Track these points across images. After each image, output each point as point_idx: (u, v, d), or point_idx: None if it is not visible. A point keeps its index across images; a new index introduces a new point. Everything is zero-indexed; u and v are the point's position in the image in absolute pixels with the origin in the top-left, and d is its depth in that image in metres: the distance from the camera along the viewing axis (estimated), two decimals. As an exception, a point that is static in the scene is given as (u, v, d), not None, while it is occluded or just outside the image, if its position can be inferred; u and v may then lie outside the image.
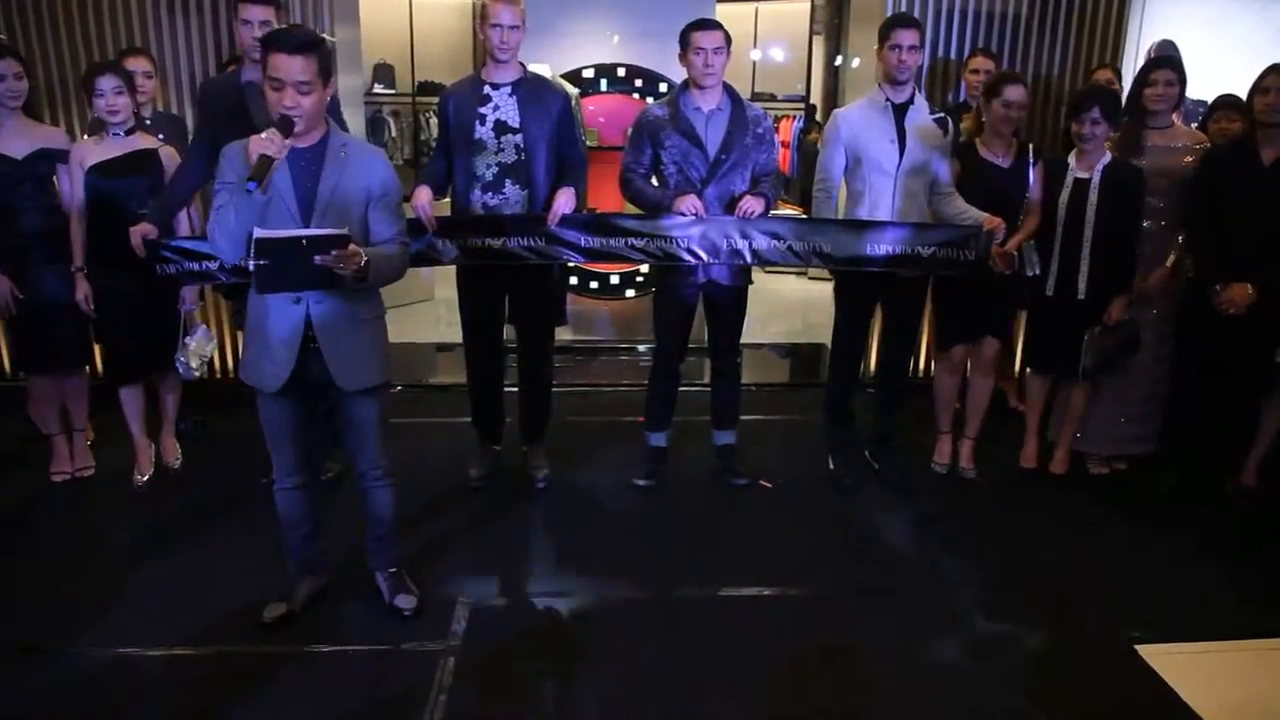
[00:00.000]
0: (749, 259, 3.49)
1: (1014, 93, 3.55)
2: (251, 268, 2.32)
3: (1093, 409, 3.92)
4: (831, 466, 3.93)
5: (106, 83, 3.43)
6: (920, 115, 3.57)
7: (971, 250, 3.43)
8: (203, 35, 4.76)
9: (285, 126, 2.35)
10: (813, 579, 3.16)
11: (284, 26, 2.50)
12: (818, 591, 3.09)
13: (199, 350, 3.66)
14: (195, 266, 3.36)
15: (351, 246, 2.34)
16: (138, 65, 3.92)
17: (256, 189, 2.29)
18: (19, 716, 2.45)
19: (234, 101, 3.39)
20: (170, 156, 3.61)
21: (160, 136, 3.78)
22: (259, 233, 2.28)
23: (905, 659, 2.75)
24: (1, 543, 3.36)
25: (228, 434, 4.16)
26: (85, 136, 4.28)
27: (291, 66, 2.35)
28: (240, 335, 4.12)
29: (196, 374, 3.70)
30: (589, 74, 5.87)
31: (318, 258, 2.30)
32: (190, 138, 4.01)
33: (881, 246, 3.46)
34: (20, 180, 3.48)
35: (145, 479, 3.81)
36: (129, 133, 3.55)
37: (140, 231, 3.26)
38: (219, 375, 4.93)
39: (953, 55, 4.91)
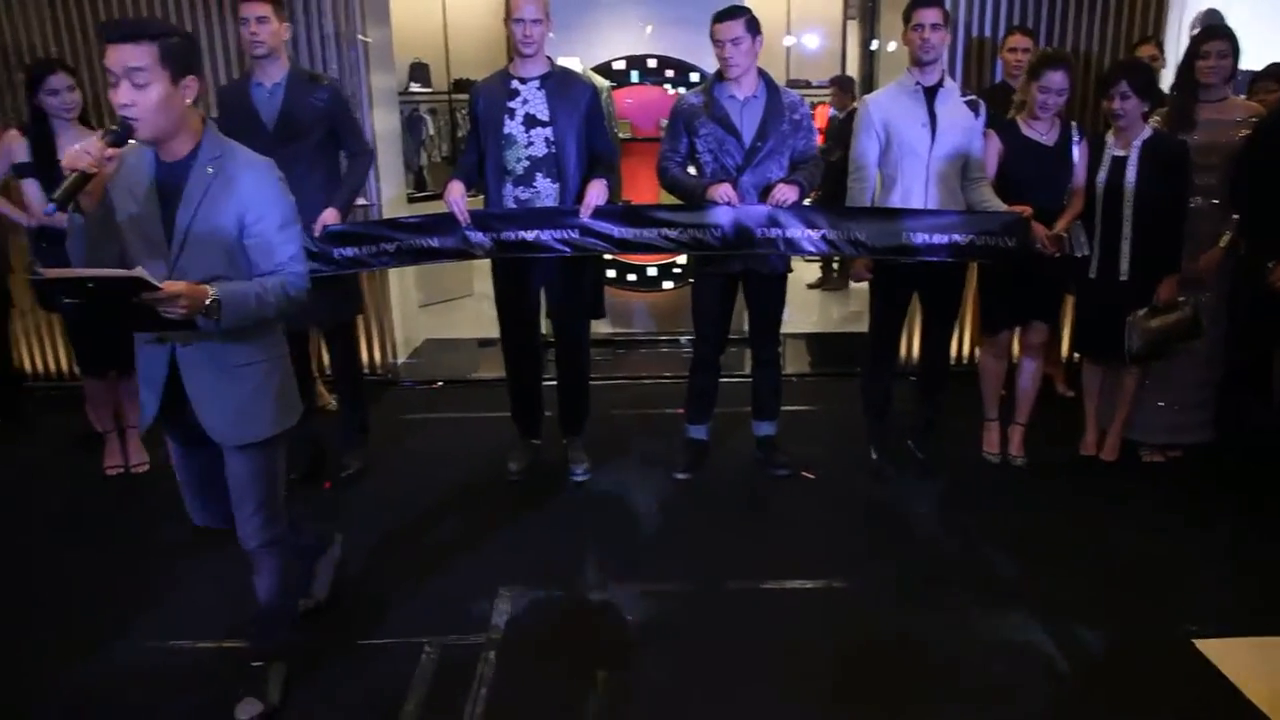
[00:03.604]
0: (782, 248, 3.44)
1: (1054, 78, 3.43)
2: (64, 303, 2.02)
3: (1143, 395, 3.82)
4: (874, 456, 3.87)
5: None
6: (951, 98, 3.50)
7: (1013, 237, 3.35)
8: (225, 41, 4.81)
9: (121, 138, 1.98)
10: (857, 571, 3.12)
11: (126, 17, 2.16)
12: (862, 583, 3.05)
13: None
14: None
15: (172, 286, 1.92)
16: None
17: (54, 212, 1.93)
18: (72, 709, 2.49)
19: (244, 106, 3.43)
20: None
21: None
22: (42, 272, 1.92)
23: (952, 651, 2.69)
24: (57, 536, 3.42)
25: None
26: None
27: (120, 55, 1.95)
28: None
29: None
30: (620, 66, 5.85)
31: (134, 298, 1.88)
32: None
33: (918, 235, 3.38)
34: None
35: None
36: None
37: None
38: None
39: (987, 34, 4.81)
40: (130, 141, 2.03)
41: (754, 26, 3.36)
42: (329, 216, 3.40)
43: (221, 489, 2.35)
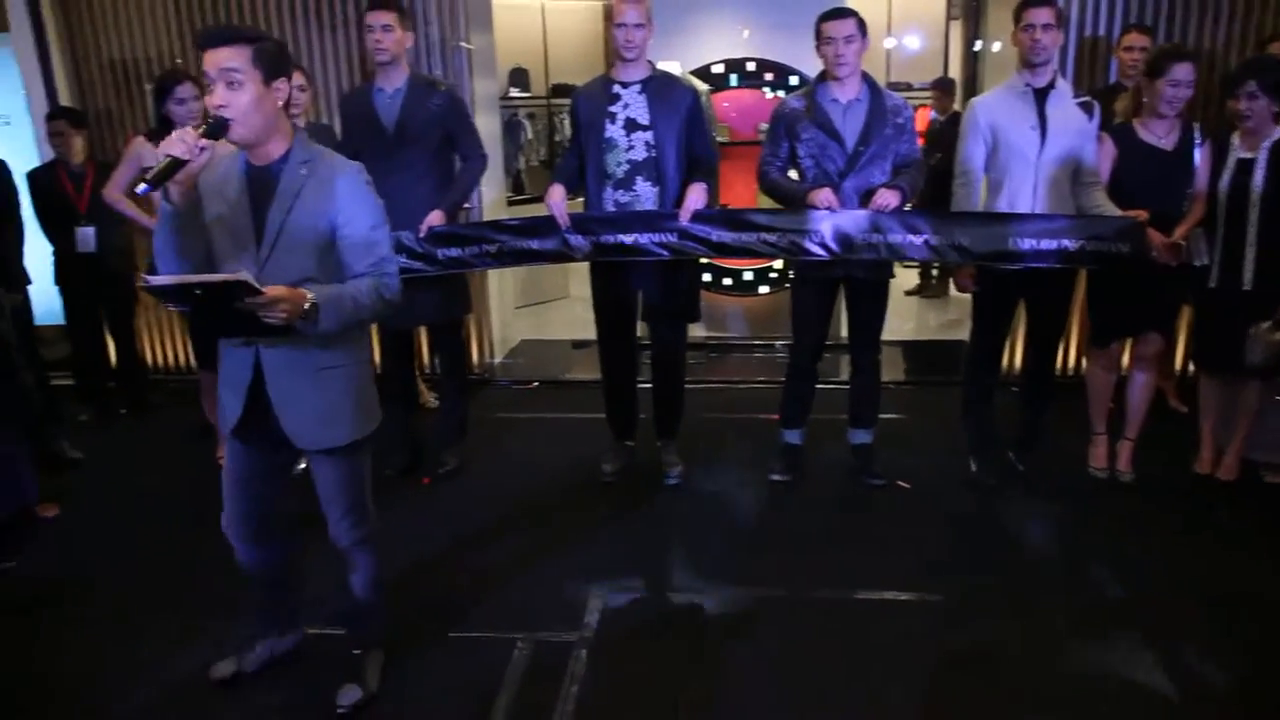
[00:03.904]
0: (884, 254, 3.38)
1: (1182, 71, 3.29)
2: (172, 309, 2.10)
3: (1266, 413, 3.62)
4: (973, 468, 3.78)
5: None
6: (1063, 100, 3.38)
7: (1127, 243, 3.22)
8: (349, 48, 4.99)
9: (216, 130, 2.01)
10: (952, 584, 3.05)
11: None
12: (957, 598, 2.97)
13: None
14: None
15: (274, 291, 1.95)
16: (294, 80, 4.13)
17: (147, 191, 1.95)
18: (178, 686, 2.60)
19: (366, 110, 3.55)
20: (321, 164, 3.78)
21: (312, 145, 3.98)
22: (150, 280, 1.94)
23: (1047, 670, 2.61)
24: (173, 521, 3.56)
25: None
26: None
27: (216, 56, 2.02)
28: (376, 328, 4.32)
29: None
30: (719, 69, 5.84)
31: (236, 304, 1.92)
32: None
33: (1025, 240, 3.28)
34: None
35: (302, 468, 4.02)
36: (283, 142, 3.74)
37: None
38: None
39: (1101, 32, 4.64)
40: (224, 140, 2.06)
41: (863, 27, 3.32)
42: (435, 218, 3.50)
43: (269, 500, 2.41)
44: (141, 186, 1.92)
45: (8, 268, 4.17)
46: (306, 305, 2.00)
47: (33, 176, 4.57)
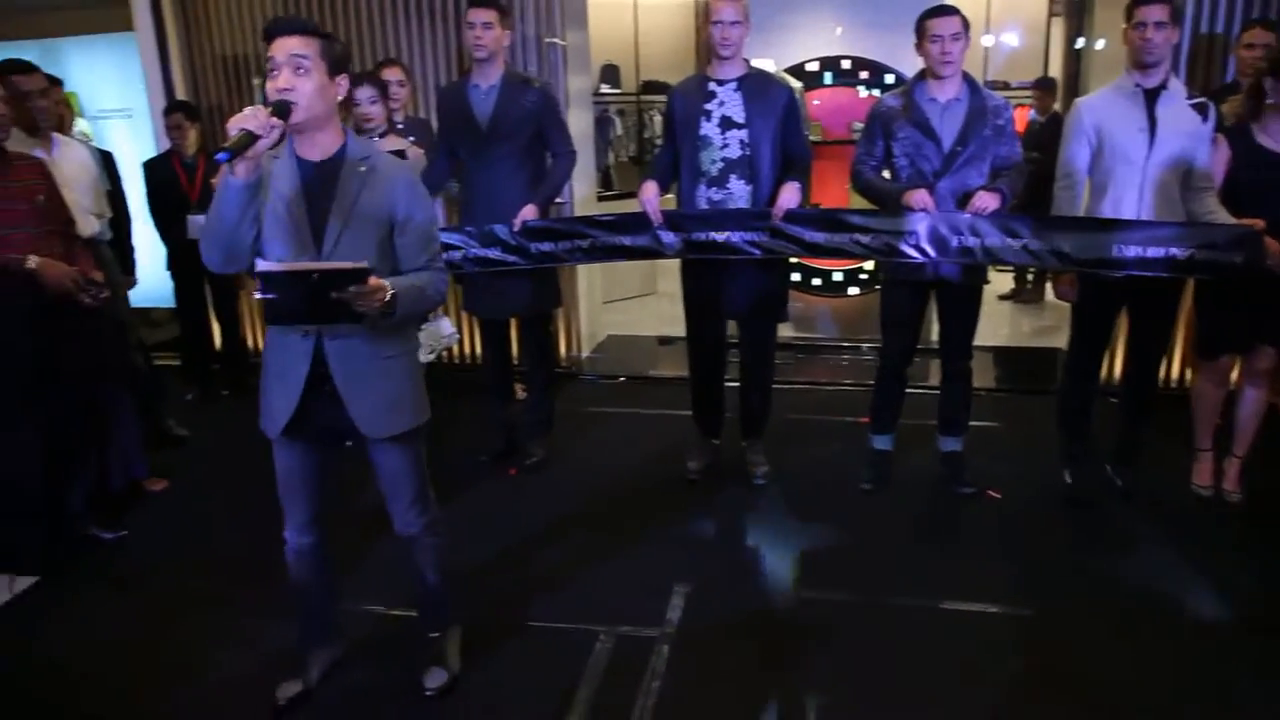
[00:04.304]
0: (980, 257, 3.30)
1: None
2: (257, 298, 2.05)
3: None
4: (1068, 481, 3.66)
5: (363, 93, 3.73)
6: (1175, 101, 3.25)
7: (1240, 253, 3.08)
8: (447, 44, 5.09)
9: (282, 110, 2.04)
10: (1042, 599, 2.96)
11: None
12: (1047, 613, 2.89)
13: (434, 335, 3.91)
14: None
15: (374, 281, 2.03)
16: (392, 75, 4.25)
17: (226, 159, 1.96)
18: (270, 663, 2.65)
19: (461, 106, 3.62)
20: (417, 158, 3.87)
21: (410, 139, 4.08)
22: (262, 266, 1.99)
23: (1142, 693, 2.51)
24: (269, 502, 3.69)
25: (452, 417, 4.42)
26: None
27: (285, 43, 2.07)
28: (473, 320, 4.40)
29: (429, 358, 3.94)
30: (813, 67, 5.78)
31: (335, 292, 2.00)
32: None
33: (1131, 248, 3.15)
34: None
35: None
36: (382, 136, 3.84)
37: None
38: (455, 359, 5.29)
39: (1219, 29, 4.44)
40: (286, 124, 2.07)
41: (967, 25, 3.26)
42: (528, 212, 3.55)
43: (327, 499, 2.43)
44: (220, 154, 1.95)
45: (124, 254, 4.37)
46: (388, 296, 2.08)
47: (148, 166, 4.79)
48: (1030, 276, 7.00)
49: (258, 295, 2.02)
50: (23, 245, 3.05)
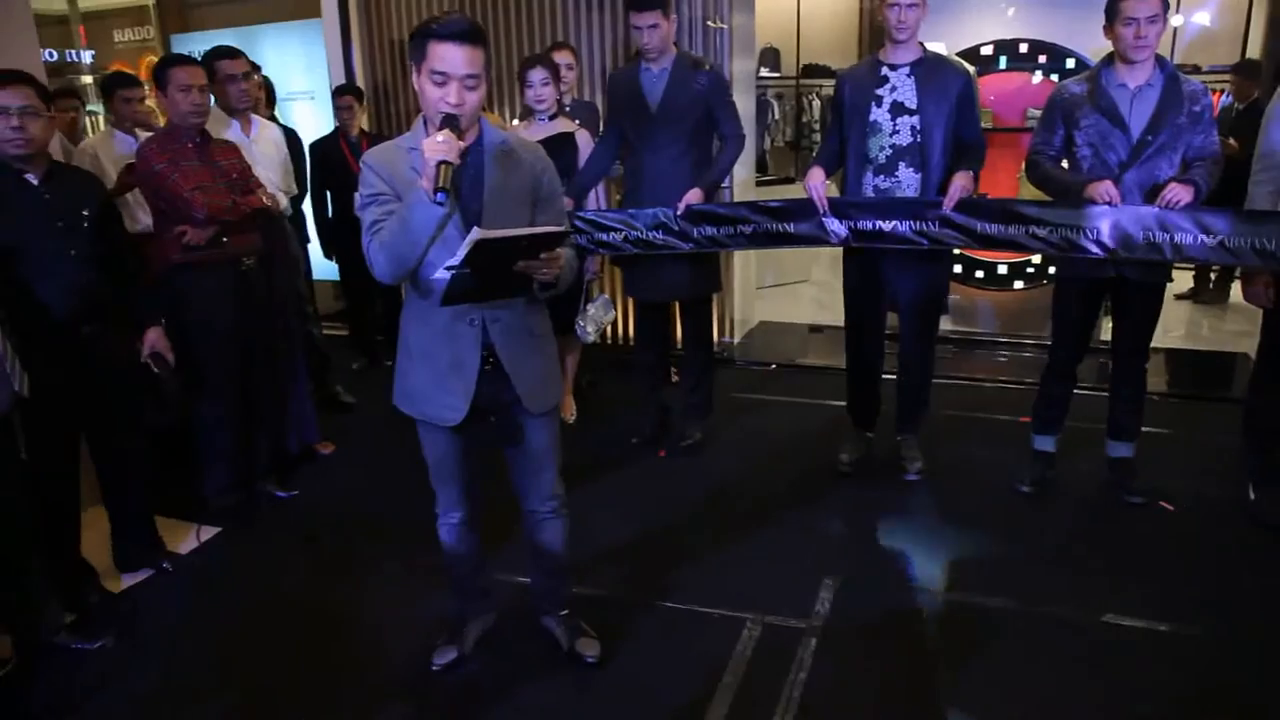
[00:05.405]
0: (1169, 255, 3.10)
1: None
2: (447, 276, 2.01)
3: None
4: (1252, 496, 3.41)
5: (536, 75, 3.83)
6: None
7: None
8: (615, 29, 5.16)
9: (455, 127, 2.02)
10: (1216, 620, 2.77)
11: (447, 13, 2.09)
12: (1221, 635, 2.70)
13: (597, 317, 3.99)
14: (604, 237, 3.68)
15: (564, 249, 2.15)
16: (563, 58, 4.34)
17: (446, 200, 1.97)
18: (424, 629, 2.78)
19: (632, 88, 3.66)
20: (585, 140, 3.96)
21: (577, 121, 4.16)
22: (478, 233, 1.92)
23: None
24: (421, 477, 3.87)
25: (614, 396, 4.52)
26: (515, 122, 4.83)
27: (459, 58, 2.01)
28: (631, 302, 4.46)
29: (592, 338, 4.03)
30: (987, 51, 5.55)
31: (521, 262, 2.06)
32: (601, 124, 4.38)
33: (1347, 244, 2.91)
34: None
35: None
36: (552, 118, 3.93)
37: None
38: (609, 341, 5.39)
39: None
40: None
41: (1165, 6, 3.05)
42: (693, 196, 3.56)
43: (474, 471, 2.49)
44: (439, 194, 1.95)
45: (299, 228, 4.64)
46: (563, 262, 2.15)
47: (315, 146, 5.07)
48: (1213, 275, 6.53)
49: (439, 274, 2.02)
50: (221, 215, 3.26)
